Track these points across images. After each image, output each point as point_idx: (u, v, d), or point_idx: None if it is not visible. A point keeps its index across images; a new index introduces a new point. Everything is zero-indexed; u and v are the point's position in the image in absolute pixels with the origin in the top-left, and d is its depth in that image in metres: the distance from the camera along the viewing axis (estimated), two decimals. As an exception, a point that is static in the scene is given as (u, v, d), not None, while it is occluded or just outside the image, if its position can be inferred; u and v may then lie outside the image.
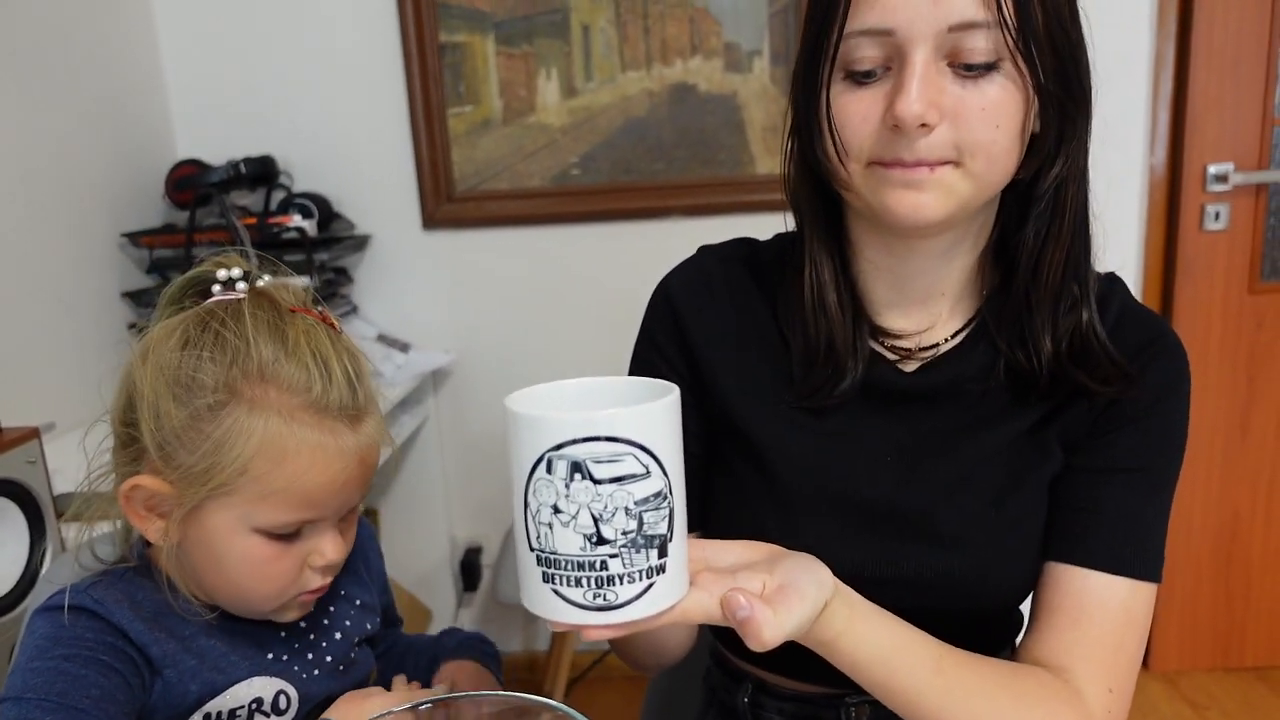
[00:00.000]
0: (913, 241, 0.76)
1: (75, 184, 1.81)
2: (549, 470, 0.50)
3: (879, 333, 0.80)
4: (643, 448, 0.50)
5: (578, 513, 0.50)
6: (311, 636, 0.77)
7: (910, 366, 0.80)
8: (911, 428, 0.79)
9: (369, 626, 0.81)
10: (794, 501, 0.79)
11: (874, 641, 0.64)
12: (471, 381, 2.22)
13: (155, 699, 0.68)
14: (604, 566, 0.50)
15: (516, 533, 0.53)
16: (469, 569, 2.26)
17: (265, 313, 0.68)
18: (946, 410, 0.79)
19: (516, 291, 2.18)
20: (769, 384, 0.81)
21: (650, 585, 0.51)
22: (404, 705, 0.57)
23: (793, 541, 0.64)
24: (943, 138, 0.67)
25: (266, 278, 0.72)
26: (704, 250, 0.89)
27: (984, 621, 0.81)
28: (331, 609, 0.79)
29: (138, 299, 1.89)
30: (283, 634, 0.75)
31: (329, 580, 0.73)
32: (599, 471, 0.49)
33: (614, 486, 0.49)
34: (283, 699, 0.73)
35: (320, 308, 0.73)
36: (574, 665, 2.16)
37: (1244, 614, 2.22)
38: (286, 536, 0.69)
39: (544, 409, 0.51)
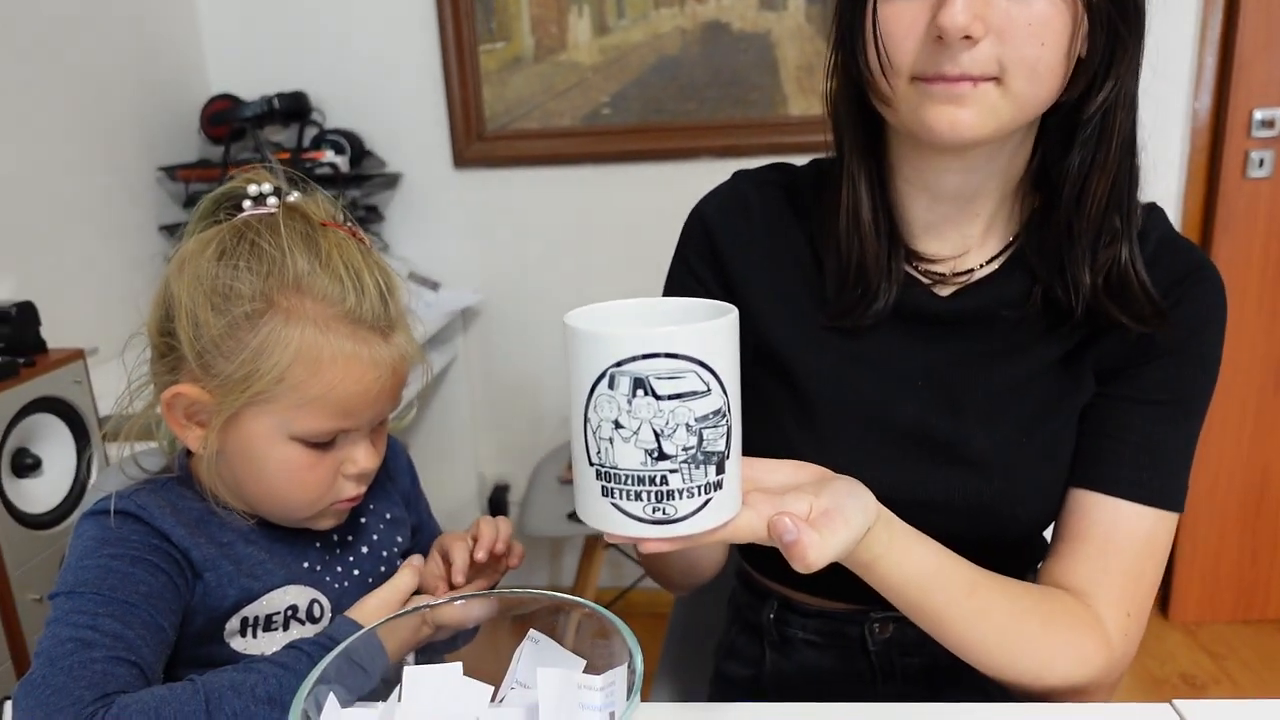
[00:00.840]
0: (948, 157, 0.75)
1: (113, 119, 1.82)
2: (611, 386, 0.50)
3: (914, 257, 0.80)
4: (704, 365, 0.50)
5: (639, 428, 0.50)
6: (340, 550, 0.79)
7: (945, 291, 0.80)
8: (944, 352, 0.79)
9: (400, 539, 0.83)
10: (824, 422, 0.79)
11: (911, 565, 0.65)
12: (500, 320, 2.23)
13: (195, 602, 0.70)
14: (664, 481, 0.51)
15: (575, 448, 0.54)
16: (497, 506, 2.29)
17: (299, 225, 0.69)
18: (980, 336, 0.79)
19: (546, 231, 2.18)
20: (802, 306, 0.82)
21: (708, 501, 0.52)
22: (431, 602, 0.56)
23: (824, 463, 0.65)
24: (986, 52, 0.65)
25: (296, 194, 0.73)
26: (739, 175, 0.89)
27: (1010, 546, 0.82)
28: (362, 521, 0.81)
29: (174, 232, 1.91)
30: (317, 544, 0.77)
31: (362, 489, 0.75)
32: (661, 388, 0.50)
33: (676, 403, 0.50)
34: (316, 607, 0.75)
35: (350, 223, 0.74)
36: (597, 600, 2.19)
37: (1269, 567, 2.22)
38: (322, 445, 0.70)
39: (606, 326, 0.51)
